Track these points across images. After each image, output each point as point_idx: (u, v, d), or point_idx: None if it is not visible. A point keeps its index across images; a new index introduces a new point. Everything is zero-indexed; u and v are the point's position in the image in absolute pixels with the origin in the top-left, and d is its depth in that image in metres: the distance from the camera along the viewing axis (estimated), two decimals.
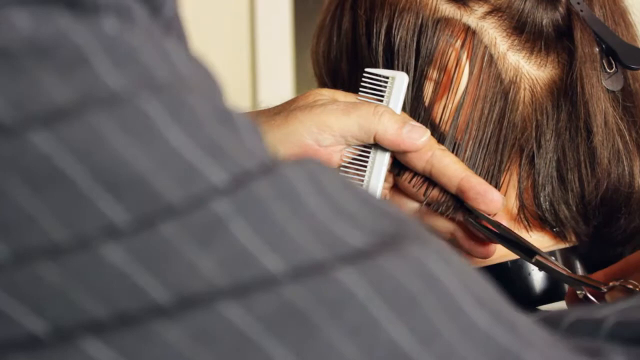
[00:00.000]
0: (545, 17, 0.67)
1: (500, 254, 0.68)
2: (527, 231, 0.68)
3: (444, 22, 0.66)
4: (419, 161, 0.64)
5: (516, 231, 0.68)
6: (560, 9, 0.67)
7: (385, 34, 0.67)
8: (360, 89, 0.66)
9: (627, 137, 0.67)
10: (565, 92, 0.66)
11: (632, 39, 0.70)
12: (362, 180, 0.64)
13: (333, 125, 0.62)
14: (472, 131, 0.66)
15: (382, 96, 0.65)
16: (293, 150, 0.62)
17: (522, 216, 0.67)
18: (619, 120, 0.67)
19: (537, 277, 0.68)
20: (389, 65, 0.67)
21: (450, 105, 0.66)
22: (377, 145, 0.64)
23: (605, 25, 0.67)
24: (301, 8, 2.04)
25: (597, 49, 0.67)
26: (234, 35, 2.10)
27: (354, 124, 0.62)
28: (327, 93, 0.65)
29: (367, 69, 0.66)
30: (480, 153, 0.66)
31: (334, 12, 0.71)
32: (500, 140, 0.66)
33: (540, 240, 0.68)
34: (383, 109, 0.63)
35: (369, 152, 0.65)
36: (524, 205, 0.67)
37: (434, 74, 0.66)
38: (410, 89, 0.66)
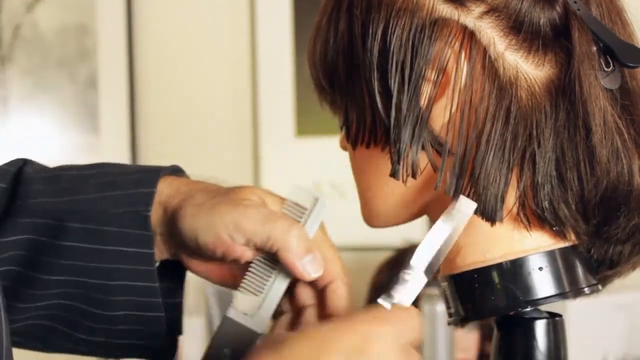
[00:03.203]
0: (543, 17, 0.67)
1: (500, 254, 0.68)
2: (527, 230, 0.67)
3: (441, 22, 0.66)
4: (318, 282, 0.70)
5: (516, 230, 0.68)
6: (558, 8, 0.67)
7: (382, 35, 0.67)
8: (286, 201, 0.70)
9: (626, 136, 0.67)
10: (564, 91, 0.66)
11: (629, 37, 0.70)
12: (263, 288, 0.69)
13: (247, 229, 0.67)
14: (471, 132, 0.66)
15: (303, 214, 0.69)
16: (210, 239, 0.67)
17: (521, 215, 0.67)
18: (618, 119, 0.67)
19: (538, 277, 0.68)
20: (385, 67, 0.67)
21: (449, 106, 0.66)
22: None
23: (602, 23, 0.67)
24: (301, 8, 2.04)
25: (595, 48, 0.67)
26: (234, 35, 2.10)
27: (264, 235, 0.67)
28: (259, 195, 0.70)
29: (296, 185, 0.71)
30: (488, 153, 0.65)
31: (330, 13, 0.71)
32: (500, 139, 0.66)
33: (539, 239, 0.68)
34: (297, 231, 0.68)
35: (276, 265, 0.69)
36: (524, 204, 0.67)
37: (431, 75, 0.66)
38: (406, 89, 0.66)
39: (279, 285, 0.69)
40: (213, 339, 0.69)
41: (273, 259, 0.69)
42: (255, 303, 0.69)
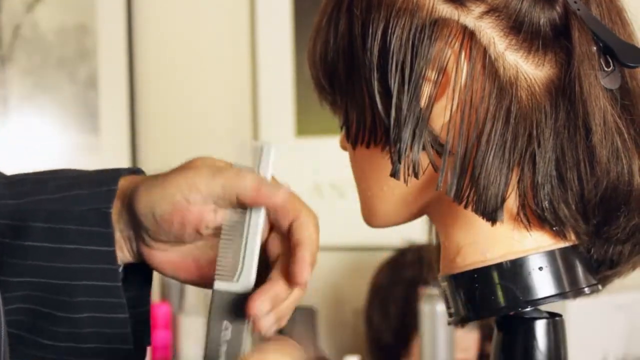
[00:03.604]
0: (543, 17, 0.67)
1: (500, 253, 0.68)
2: (527, 230, 0.67)
3: (441, 22, 0.66)
4: (284, 220, 0.69)
5: (516, 230, 0.68)
6: (558, 8, 0.67)
7: (382, 35, 0.67)
8: (235, 162, 0.70)
9: (626, 135, 0.67)
10: (564, 91, 0.66)
11: (629, 37, 0.70)
12: (239, 251, 0.68)
13: (200, 186, 0.67)
14: (471, 132, 0.66)
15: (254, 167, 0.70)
16: (166, 207, 0.67)
17: (521, 215, 0.67)
18: (617, 119, 0.67)
19: (538, 277, 0.68)
20: (385, 67, 0.67)
21: (449, 106, 0.66)
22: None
23: (602, 23, 0.67)
24: (301, 8, 2.04)
25: (595, 48, 0.67)
26: (234, 35, 2.10)
27: (218, 186, 0.67)
28: (209, 161, 0.70)
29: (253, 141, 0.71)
30: (488, 153, 0.65)
31: (330, 13, 0.71)
32: (501, 139, 0.66)
33: (539, 239, 0.68)
34: (246, 172, 0.68)
35: (243, 225, 0.69)
36: (524, 204, 0.67)
37: (432, 75, 0.66)
38: (406, 89, 0.66)
39: (253, 242, 0.68)
40: (209, 317, 0.68)
41: (238, 221, 0.69)
42: (236, 267, 0.68)
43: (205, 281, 0.71)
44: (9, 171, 0.76)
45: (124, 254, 0.71)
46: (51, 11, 2.12)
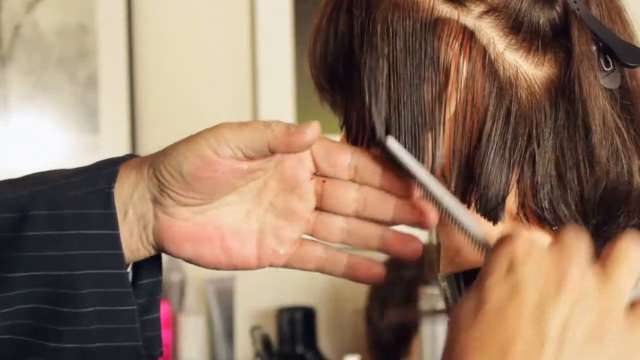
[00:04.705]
0: (542, 16, 0.67)
1: None
2: (527, 229, 0.67)
3: (441, 22, 0.66)
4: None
5: (516, 230, 0.68)
6: (557, 7, 0.67)
7: (381, 35, 0.67)
8: None
9: (626, 135, 0.67)
10: (563, 90, 0.66)
11: (629, 36, 0.70)
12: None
13: (228, 137, 0.65)
14: (474, 132, 0.66)
15: None
16: (195, 161, 0.65)
17: (521, 215, 0.67)
18: (617, 119, 0.67)
19: None
20: (384, 66, 0.67)
21: (449, 106, 0.66)
22: None
23: (602, 23, 0.67)
24: (301, 8, 2.04)
25: (595, 47, 0.67)
26: (234, 36, 2.10)
27: (247, 137, 0.65)
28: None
29: None
30: (489, 153, 0.66)
31: (330, 14, 0.71)
32: (501, 139, 0.66)
33: (539, 238, 0.68)
34: (274, 122, 0.65)
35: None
36: (524, 204, 0.67)
37: (431, 75, 0.66)
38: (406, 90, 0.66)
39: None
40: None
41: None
42: None
43: (227, 260, 0.68)
44: (9, 170, 0.76)
45: (133, 240, 0.67)
46: (51, 11, 2.12)
